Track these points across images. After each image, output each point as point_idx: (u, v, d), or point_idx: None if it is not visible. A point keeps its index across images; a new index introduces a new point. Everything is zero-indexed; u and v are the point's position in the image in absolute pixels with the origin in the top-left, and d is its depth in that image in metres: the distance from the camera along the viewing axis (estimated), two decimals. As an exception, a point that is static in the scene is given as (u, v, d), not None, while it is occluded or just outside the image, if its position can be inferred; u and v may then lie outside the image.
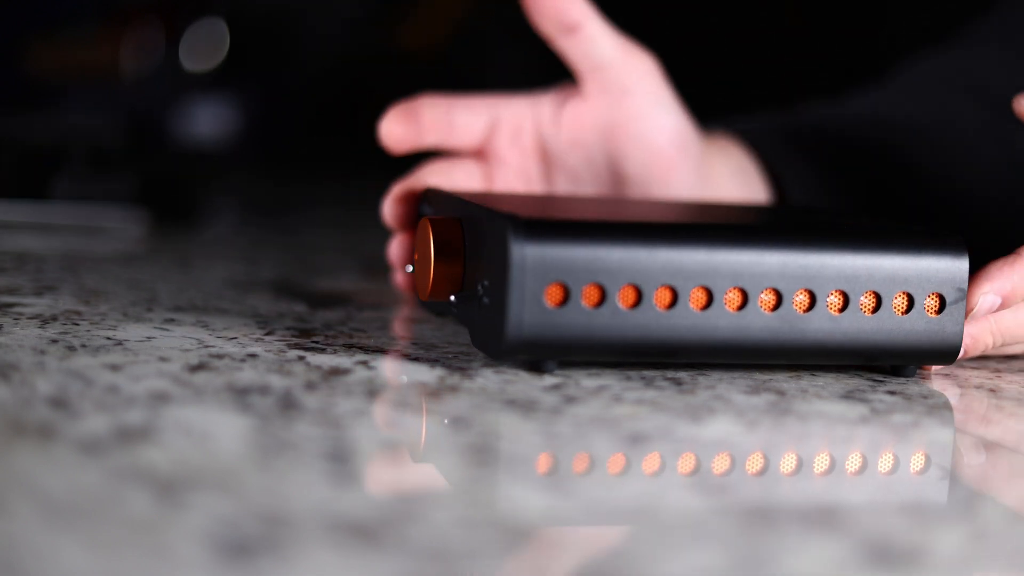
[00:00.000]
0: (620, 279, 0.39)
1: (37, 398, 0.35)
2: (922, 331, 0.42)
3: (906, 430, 0.38)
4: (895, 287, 0.41)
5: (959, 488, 0.34)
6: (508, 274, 0.38)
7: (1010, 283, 0.43)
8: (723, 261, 0.40)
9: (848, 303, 0.41)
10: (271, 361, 0.41)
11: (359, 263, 0.73)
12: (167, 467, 0.29)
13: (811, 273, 0.41)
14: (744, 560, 0.26)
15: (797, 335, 0.41)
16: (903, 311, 0.42)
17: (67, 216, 0.80)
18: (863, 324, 0.41)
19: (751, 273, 0.40)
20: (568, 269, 0.39)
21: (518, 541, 0.27)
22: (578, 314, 0.39)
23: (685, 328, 0.40)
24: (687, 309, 0.40)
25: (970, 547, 0.29)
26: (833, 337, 0.41)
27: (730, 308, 0.40)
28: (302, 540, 0.25)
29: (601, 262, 0.39)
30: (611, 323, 0.39)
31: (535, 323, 0.39)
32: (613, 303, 0.39)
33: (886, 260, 0.41)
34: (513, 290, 0.38)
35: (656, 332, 0.40)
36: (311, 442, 0.32)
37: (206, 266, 0.66)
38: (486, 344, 0.41)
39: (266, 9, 1.73)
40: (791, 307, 0.41)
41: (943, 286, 0.42)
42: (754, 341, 0.41)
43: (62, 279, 0.56)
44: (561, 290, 0.39)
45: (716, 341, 0.40)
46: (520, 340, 0.39)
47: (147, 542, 0.25)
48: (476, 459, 0.32)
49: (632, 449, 0.34)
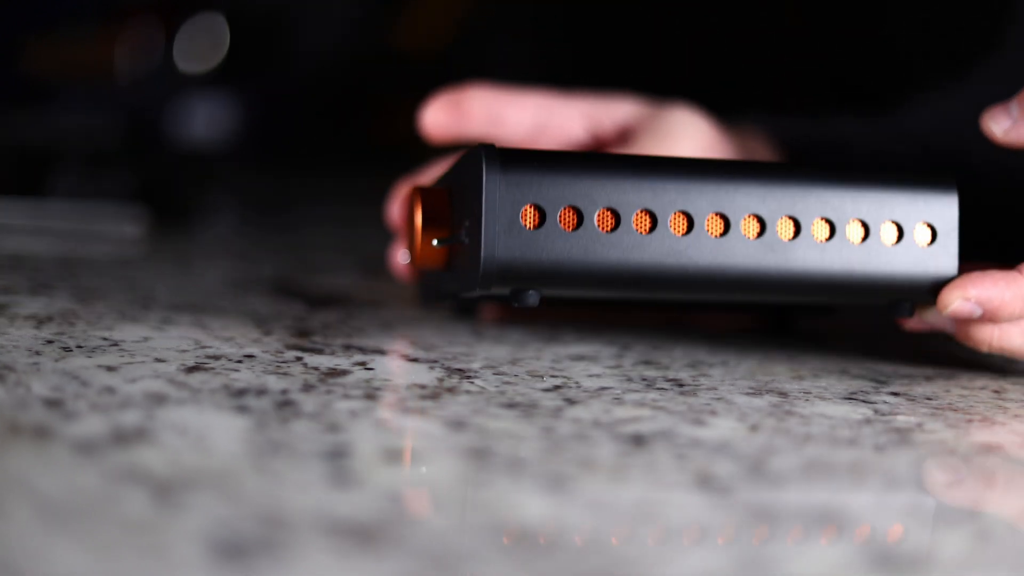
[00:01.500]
0: (598, 202, 0.39)
1: (33, 399, 0.35)
2: (913, 263, 0.41)
3: (909, 432, 0.37)
4: (883, 216, 0.40)
5: (963, 491, 0.34)
6: (482, 199, 0.38)
7: (1000, 299, 0.41)
8: (704, 187, 0.39)
9: (834, 231, 0.40)
10: (268, 362, 0.40)
11: (358, 262, 0.73)
12: (164, 468, 0.29)
13: (795, 200, 0.40)
14: (746, 564, 0.26)
15: (781, 264, 0.40)
16: (893, 242, 0.41)
17: (64, 216, 0.80)
18: (850, 254, 0.40)
19: (732, 199, 0.39)
20: (544, 192, 0.38)
21: (517, 544, 0.26)
22: (556, 238, 0.38)
23: (665, 254, 0.39)
24: (667, 233, 0.39)
25: (974, 550, 0.29)
26: (820, 268, 0.40)
27: (711, 232, 0.39)
28: (299, 542, 0.25)
29: (578, 185, 0.38)
30: (590, 247, 0.39)
31: (512, 246, 0.38)
32: (591, 226, 0.39)
33: (873, 190, 0.40)
34: (488, 214, 0.38)
35: (636, 257, 0.39)
36: (309, 443, 0.32)
37: (203, 266, 0.66)
38: (466, 280, 0.40)
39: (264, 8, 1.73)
40: (775, 234, 0.40)
41: (933, 217, 0.41)
42: (738, 270, 0.40)
43: (58, 279, 0.55)
44: (537, 212, 0.38)
45: (698, 269, 0.39)
46: (497, 265, 0.38)
47: (144, 543, 0.25)
48: (475, 461, 0.32)
49: (633, 451, 0.33)
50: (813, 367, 0.46)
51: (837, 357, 0.48)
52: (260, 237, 0.86)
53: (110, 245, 0.72)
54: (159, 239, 0.77)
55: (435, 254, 0.42)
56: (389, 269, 0.53)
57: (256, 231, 0.91)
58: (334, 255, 0.77)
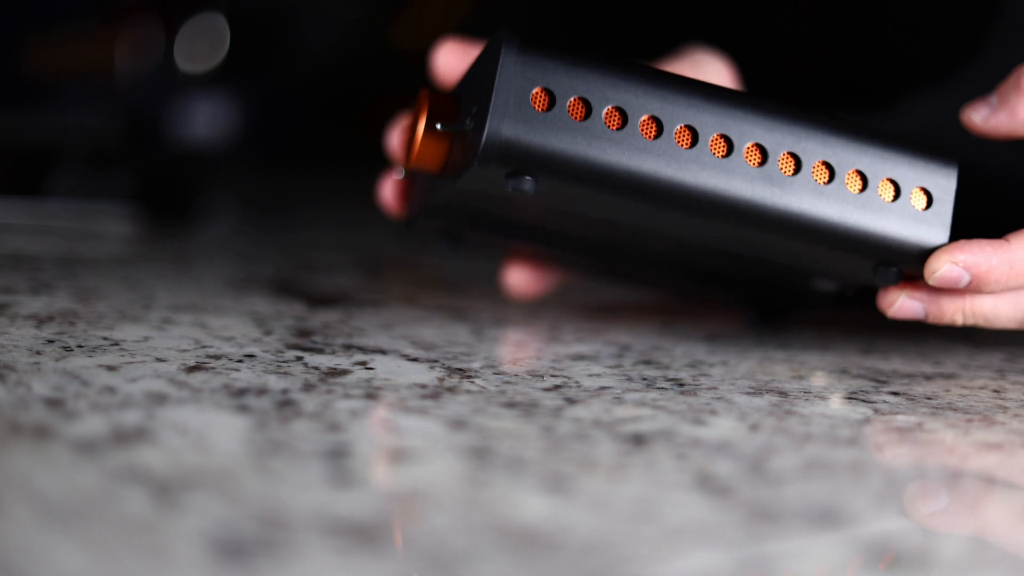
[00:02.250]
0: (608, 99, 0.39)
1: (33, 398, 0.35)
2: (905, 225, 0.41)
3: (909, 432, 0.37)
4: (883, 172, 0.41)
5: (962, 490, 0.34)
6: (496, 75, 0.38)
7: (987, 265, 0.41)
8: (713, 108, 0.40)
9: (833, 176, 0.40)
10: (269, 361, 0.40)
11: (358, 262, 0.73)
12: (164, 468, 0.29)
13: (800, 139, 0.40)
14: (746, 563, 0.26)
15: (778, 199, 0.40)
16: (889, 199, 0.41)
17: (64, 215, 0.80)
18: (846, 203, 0.41)
19: (739, 125, 0.40)
20: (557, 79, 0.38)
21: (518, 544, 0.26)
22: (562, 125, 0.38)
23: (666, 163, 0.39)
24: (671, 144, 0.39)
25: (973, 550, 0.29)
26: (814, 211, 0.40)
27: (714, 152, 0.40)
28: (299, 542, 0.25)
29: (591, 79, 0.39)
30: (594, 141, 0.39)
31: (518, 125, 0.38)
32: (598, 121, 0.39)
33: (877, 146, 0.41)
34: (499, 88, 0.38)
35: (636, 161, 0.39)
36: (309, 443, 0.32)
37: (204, 265, 0.66)
38: (465, 163, 0.40)
39: (264, 8, 1.73)
40: (776, 167, 0.40)
41: (931, 184, 0.41)
42: (735, 195, 0.40)
43: (58, 278, 0.55)
44: (547, 96, 0.39)
45: (694, 186, 0.39)
46: (500, 140, 0.38)
47: (144, 543, 0.25)
48: (475, 460, 0.32)
49: (633, 451, 0.33)
50: (813, 367, 0.46)
51: (837, 357, 0.48)
52: (260, 237, 0.86)
53: (110, 245, 0.72)
54: (159, 239, 0.77)
55: (433, 150, 0.42)
56: (376, 201, 0.53)
57: (256, 231, 0.91)
58: (334, 255, 0.77)
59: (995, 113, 0.44)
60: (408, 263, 0.79)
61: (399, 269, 0.76)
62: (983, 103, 0.45)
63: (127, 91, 1.58)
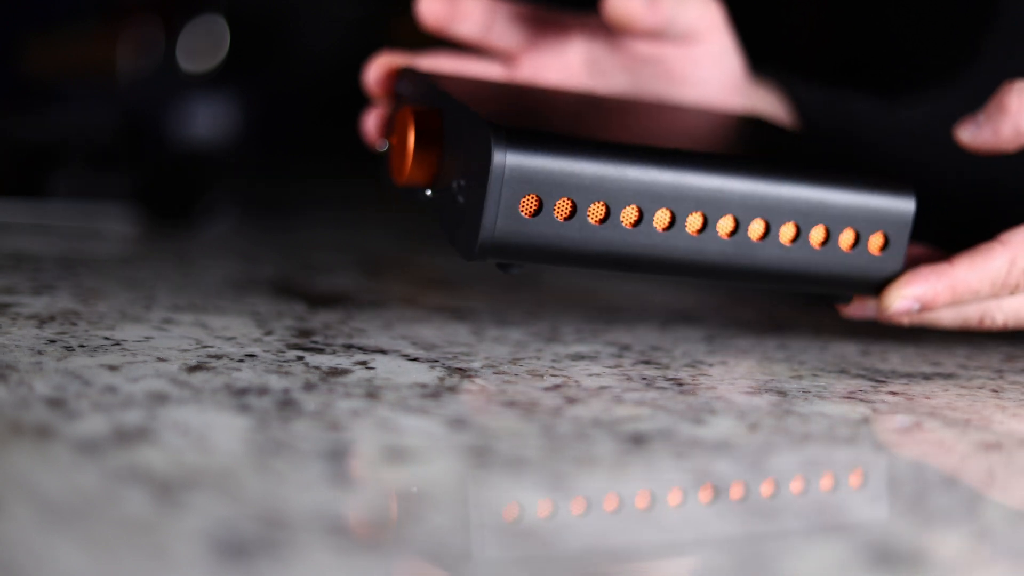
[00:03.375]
0: (592, 196, 0.40)
1: (35, 398, 0.35)
2: (864, 265, 0.44)
3: (908, 431, 0.37)
4: (844, 223, 0.43)
5: (961, 489, 0.34)
6: (487, 182, 0.39)
7: (932, 292, 0.45)
8: (691, 186, 0.41)
9: (799, 235, 0.43)
10: (270, 361, 0.40)
11: (358, 262, 0.73)
12: (165, 468, 0.29)
13: (769, 202, 0.42)
14: (745, 562, 0.26)
15: (747, 261, 0.43)
16: (849, 247, 0.44)
17: (65, 215, 0.80)
18: (811, 254, 0.43)
19: (715, 199, 0.41)
20: (544, 182, 0.40)
21: (518, 543, 0.27)
22: (549, 225, 0.40)
23: (647, 246, 0.41)
24: (650, 228, 0.41)
25: (972, 549, 0.29)
26: (782, 265, 0.43)
27: (690, 231, 0.42)
28: (300, 541, 0.25)
29: (576, 178, 0.40)
30: (579, 236, 0.41)
31: (507, 231, 0.40)
32: (582, 218, 0.40)
33: (839, 193, 0.43)
34: (490, 198, 0.39)
35: (620, 248, 0.41)
36: (310, 443, 0.32)
37: (204, 265, 0.66)
38: (459, 244, 0.42)
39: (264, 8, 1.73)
40: (746, 234, 0.42)
41: (889, 225, 0.44)
42: (710, 262, 0.42)
43: (60, 278, 0.55)
44: (535, 201, 0.40)
45: (674, 259, 0.42)
46: (492, 245, 0.40)
47: (145, 543, 0.25)
48: (476, 460, 0.32)
49: (633, 450, 0.33)
50: (812, 366, 0.46)
51: (836, 357, 0.48)
52: (261, 237, 0.86)
53: (111, 245, 0.72)
54: (160, 239, 0.77)
55: (423, 170, 0.44)
56: (360, 132, 0.53)
57: (257, 231, 0.91)
58: (335, 255, 0.77)
59: (981, 131, 0.47)
60: (408, 263, 0.79)
61: (399, 269, 0.76)
62: (971, 121, 0.48)
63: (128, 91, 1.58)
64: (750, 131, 0.51)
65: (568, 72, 0.55)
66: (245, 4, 1.72)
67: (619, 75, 0.55)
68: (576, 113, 0.47)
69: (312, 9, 1.77)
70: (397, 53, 0.52)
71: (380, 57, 0.52)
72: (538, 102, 0.49)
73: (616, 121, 0.47)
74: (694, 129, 0.50)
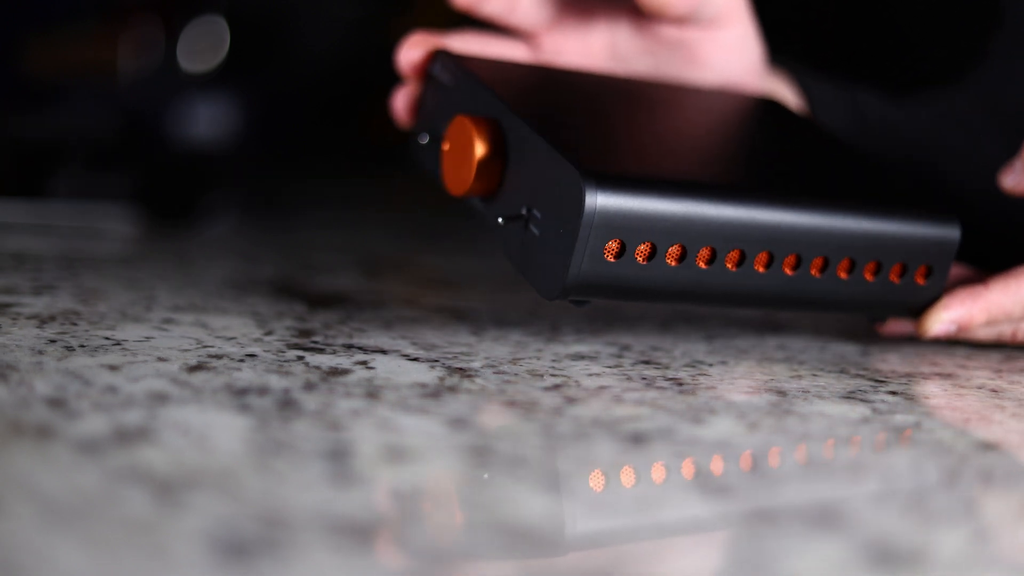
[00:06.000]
0: (671, 238, 0.41)
1: (35, 398, 0.35)
2: (909, 294, 0.47)
3: (907, 431, 0.37)
4: (894, 259, 0.45)
5: (961, 489, 0.34)
6: (577, 227, 0.40)
7: (969, 315, 0.48)
8: (759, 225, 0.42)
9: (854, 270, 0.45)
10: (270, 361, 0.40)
11: (358, 262, 0.73)
12: (165, 467, 0.29)
13: (828, 242, 0.44)
14: (745, 562, 0.26)
15: (804, 294, 0.45)
16: (897, 280, 0.46)
17: (65, 215, 0.80)
18: (862, 287, 0.45)
19: (782, 239, 0.43)
20: (627, 227, 0.40)
21: (518, 543, 0.27)
22: (629, 267, 0.41)
23: (718, 284, 0.43)
24: (722, 268, 0.42)
25: (972, 549, 0.29)
26: (836, 296, 0.45)
27: (758, 268, 0.43)
28: (301, 541, 0.25)
29: (658, 222, 0.41)
30: (656, 276, 0.42)
31: (591, 273, 0.41)
32: (660, 259, 0.41)
33: (889, 230, 0.45)
34: (579, 244, 0.40)
35: (692, 286, 0.42)
36: (310, 443, 0.32)
37: (205, 265, 0.66)
38: (537, 280, 0.42)
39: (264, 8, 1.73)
40: (807, 271, 0.44)
41: (933, 258, 0.46)
42: (772, 295, 0.44)
43: (60, 279, 0.55)
44: (619, 245, 0.41)
45: (739, 294, 0.43)
46: (574, 287, 0.41)
47: (145, 543, 0.25)
48: (476, 460, 0.32)
49: (633, 450, 0.33)
50: (812, 366, 0.46)
51: (836, 357, 0.48)
52: (261, 237, 0.86)
53: (111, 245, 0.73)
54: (160, 239, 0.77)
55: (486, 183, 0.44)
56: (389, 110, 0.53)
57: (257, 231, 0.91)
58: (335, 255, 0.77)
59: (1021, 177, 0.51)
60: (408, 263, 0.79)
61: (399, 269, 0.76)
62: (1011, 168, 0.51)
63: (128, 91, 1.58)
64: (801, 145, 0.51)
65: (590, 53, 0.54)
66: (245, 4, 1.72)
67: (641, 58, 0.55)
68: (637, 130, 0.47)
69: (312, 9, 1.78)
70: (430, 33, 0.51)
71: (414, 36, 0.51)
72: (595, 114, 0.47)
73: (683, 143, 0.48)
74: (751, 146, 0.51)
